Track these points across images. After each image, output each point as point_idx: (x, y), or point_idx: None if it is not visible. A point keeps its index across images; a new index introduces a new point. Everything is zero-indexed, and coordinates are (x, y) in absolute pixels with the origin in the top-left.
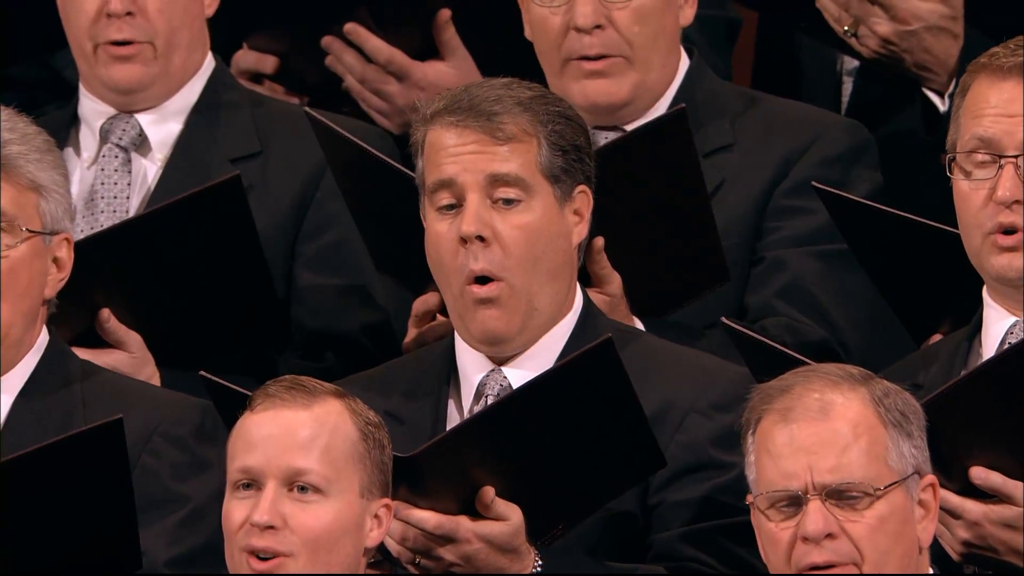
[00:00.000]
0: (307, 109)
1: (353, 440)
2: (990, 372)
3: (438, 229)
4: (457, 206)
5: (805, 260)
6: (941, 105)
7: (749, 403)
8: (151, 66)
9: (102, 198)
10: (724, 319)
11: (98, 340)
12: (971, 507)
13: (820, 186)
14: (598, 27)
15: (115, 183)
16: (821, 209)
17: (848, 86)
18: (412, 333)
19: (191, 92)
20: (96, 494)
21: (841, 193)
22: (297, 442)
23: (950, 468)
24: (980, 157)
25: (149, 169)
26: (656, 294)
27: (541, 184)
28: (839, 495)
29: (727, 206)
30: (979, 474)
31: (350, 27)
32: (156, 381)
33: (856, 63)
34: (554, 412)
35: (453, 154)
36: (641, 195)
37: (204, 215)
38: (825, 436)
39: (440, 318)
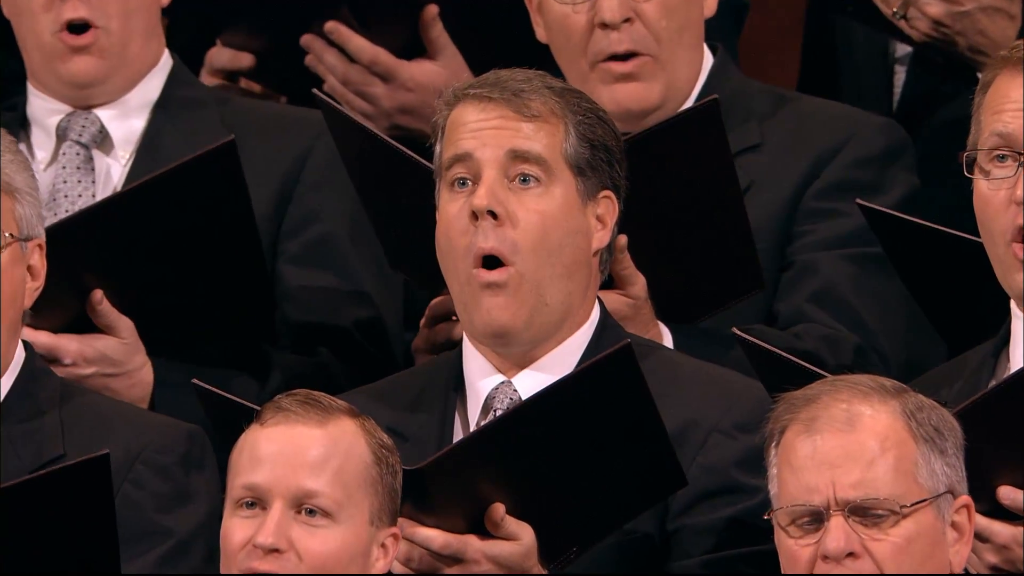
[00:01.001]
0: (316, 91)
1: (367, 463)
2: (1019, 385)
3: (449, 210)
4: (471, 182)
5: (838, 264)
6: None
7: (773, 413)
8: (108, 57)
9: (65, 196)
10: (735, 329)
11: (84, 326)
12: (999, 529)
13: (864, 203)
14: (627, 21)
15: (78, 181)
16: (854, 211)
17: (901, 75)
18: (423, 333)
19: (151, 87)
20: (78, 530)
21: (889, 211)
22: (308, 461)
23: (977, 487)
24: (999, 154)
25: (113, 167)
26: (684, 300)
27: (564, 171)
28: (863, 512)
29: (755, 209)
30: (1008, 494)
31: (331, 25)
32: (147, 371)
33: (908, 50)
34: (568, 424)
35: (474, 129)
36: (669, 193)
37: (197, 185)
38: (850, 449)
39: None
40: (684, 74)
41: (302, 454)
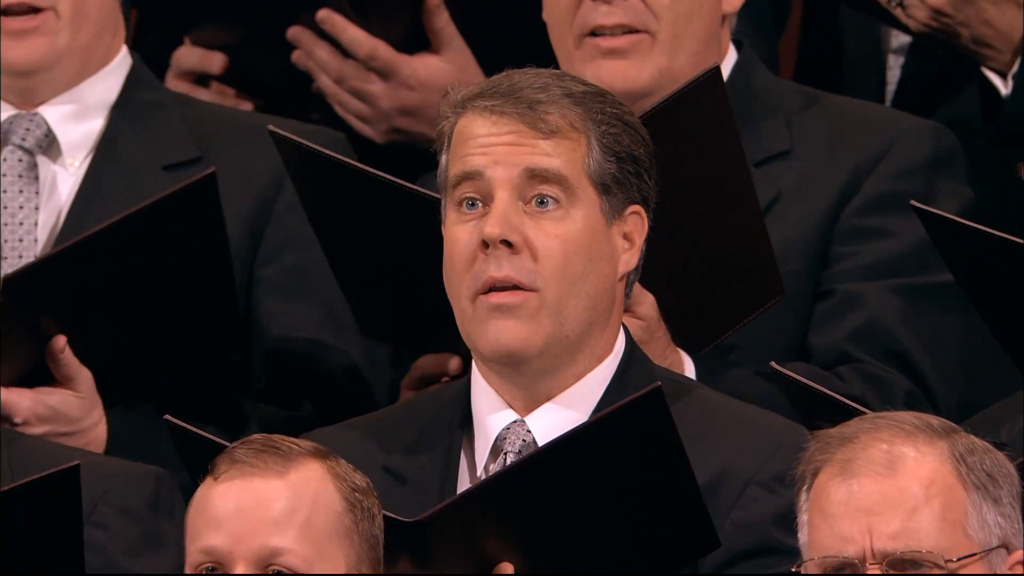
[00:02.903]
0: (272, 128)
1: (337, 512)
2: None
3: (456, 234)
4: (482, 204)
5: (885, 296)
6: (1003, 88)
7: (806, 453)
8: (56, 39)
9: (5, 208)
10: (774, 364)
11: (34, 378)
12: None
13: (919, 205)
14: None
15: (19, 191)
16: (902, 230)
17: (896, 70)
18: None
19: (106, 87)
20: (43, 549)
21: (949, 216)
22: (271, 517)
23: None
24: None
25: (60, 176)
26: (698, 316)
27: (586, 190)
28: (903, 566)
29: (785, 225)
30: None
31: (324, 14)
32: (102, 427)
33: (904, 40)
34: (588, 475)
35: (484, 144)
36: (670, 189)
37: (171, 223)
38: (890, 495)
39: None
40: (688, 62)
41: (262, 510)
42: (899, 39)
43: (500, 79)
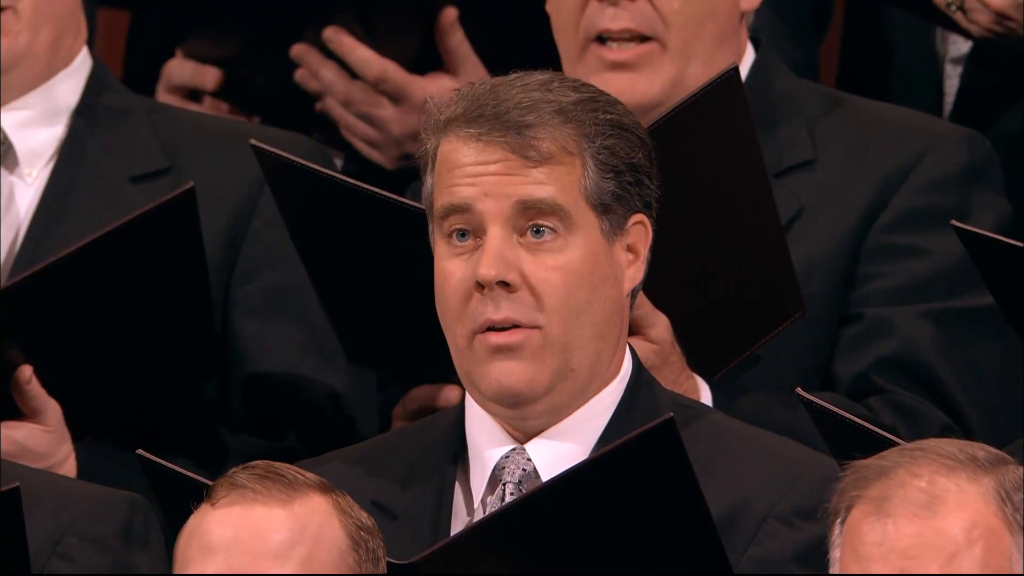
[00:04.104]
0: (254, 142)
1: (341, 550)
2: None
3: (448, 269)
4: (473, 236)
5: (917, 323)
6: None
7: (840, 483)
8: (16, 40)
9: None
10: (799, 390)
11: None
12: None
13: (960, 225)
14: None
15: None
16: (935, 249)
17: (954, 80)
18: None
19: (65, 91)
20: None
21: (994, 236)
22: (271, 548)
23: None
24: None
25: (17, 187)
26: (714, 335)
27: (585, 215)
28: None
29: (807, 242)
30: None
31: (331, 33)
32: (71, 463)
33: (964, 47)
34: (594, 512)
35: (471, 175)
36: (685, 200)
37: (146, 242)
38: (928, 538)
39: None
40: (702, 71)
41: (263, 540)
42: (957, 46)
43: (483, 95)
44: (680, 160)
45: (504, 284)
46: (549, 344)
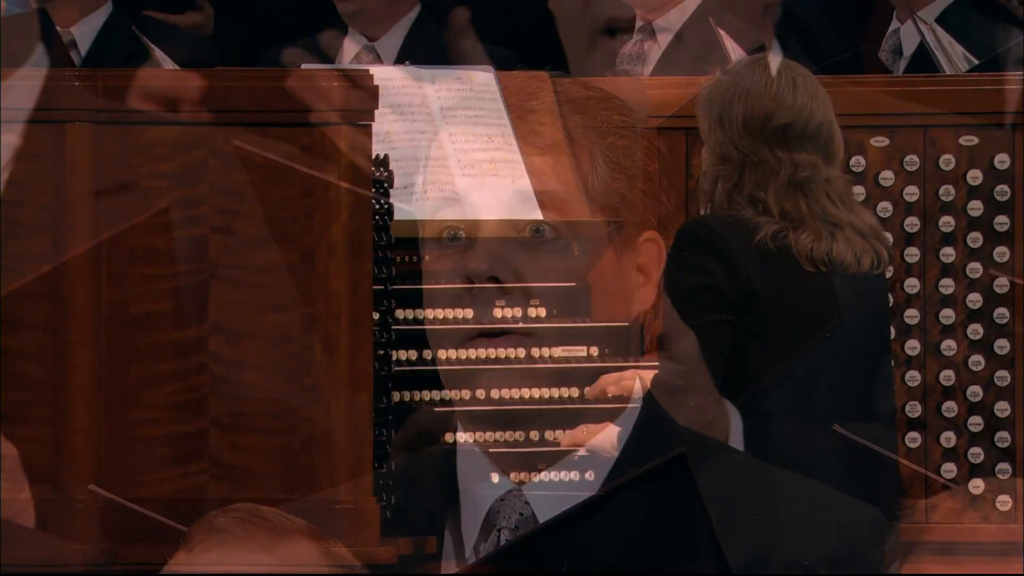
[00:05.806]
0: (237, 142)
1: None
2: None
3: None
4: (466, 235)
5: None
6: None
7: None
8: None
9: None
10: (836, 427)
11: None
12: None
13: None
14: None
15: None
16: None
17: None
18: None
19: None
20: None
21: None
22: None
23: None
24: None
25: None
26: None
27: (590, 215)
28: None
29: None
30: None
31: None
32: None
33: None
34: (596, 556)
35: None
36: None
37: None
38: None
39: None
40: None
41: None
42: None
43: None
44: None
45: (495, 280)
46: (542, 361)
